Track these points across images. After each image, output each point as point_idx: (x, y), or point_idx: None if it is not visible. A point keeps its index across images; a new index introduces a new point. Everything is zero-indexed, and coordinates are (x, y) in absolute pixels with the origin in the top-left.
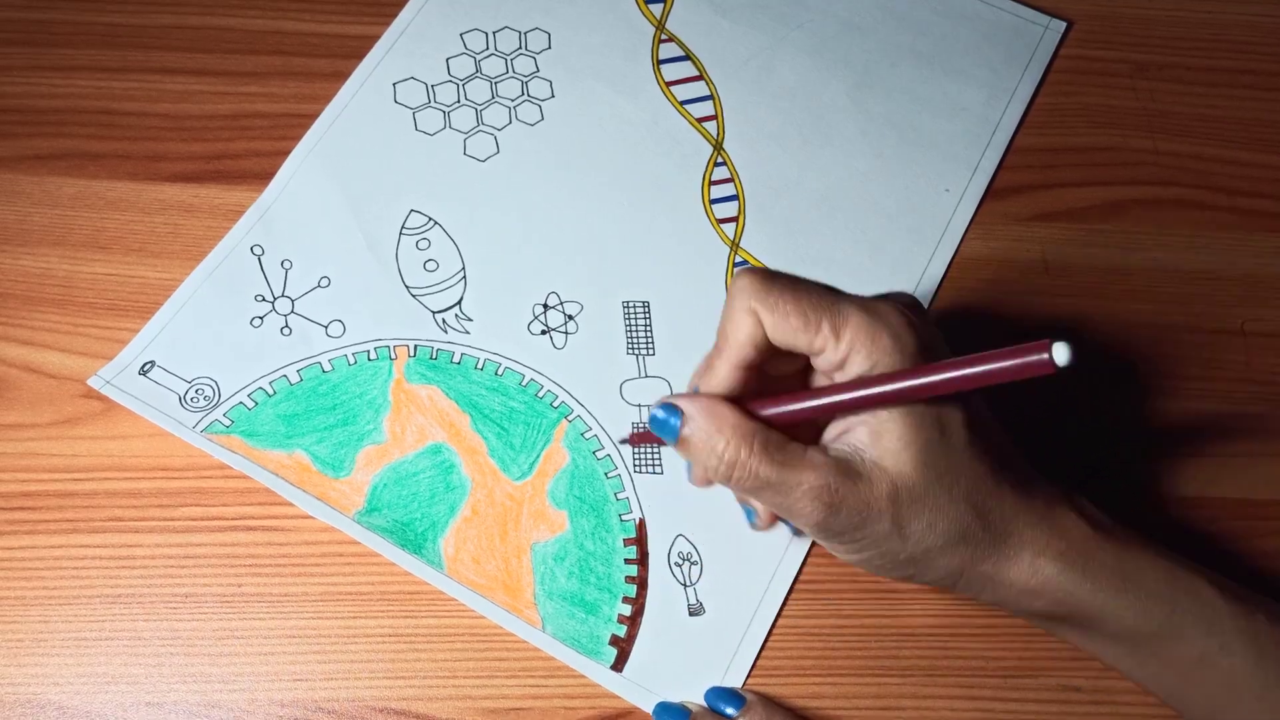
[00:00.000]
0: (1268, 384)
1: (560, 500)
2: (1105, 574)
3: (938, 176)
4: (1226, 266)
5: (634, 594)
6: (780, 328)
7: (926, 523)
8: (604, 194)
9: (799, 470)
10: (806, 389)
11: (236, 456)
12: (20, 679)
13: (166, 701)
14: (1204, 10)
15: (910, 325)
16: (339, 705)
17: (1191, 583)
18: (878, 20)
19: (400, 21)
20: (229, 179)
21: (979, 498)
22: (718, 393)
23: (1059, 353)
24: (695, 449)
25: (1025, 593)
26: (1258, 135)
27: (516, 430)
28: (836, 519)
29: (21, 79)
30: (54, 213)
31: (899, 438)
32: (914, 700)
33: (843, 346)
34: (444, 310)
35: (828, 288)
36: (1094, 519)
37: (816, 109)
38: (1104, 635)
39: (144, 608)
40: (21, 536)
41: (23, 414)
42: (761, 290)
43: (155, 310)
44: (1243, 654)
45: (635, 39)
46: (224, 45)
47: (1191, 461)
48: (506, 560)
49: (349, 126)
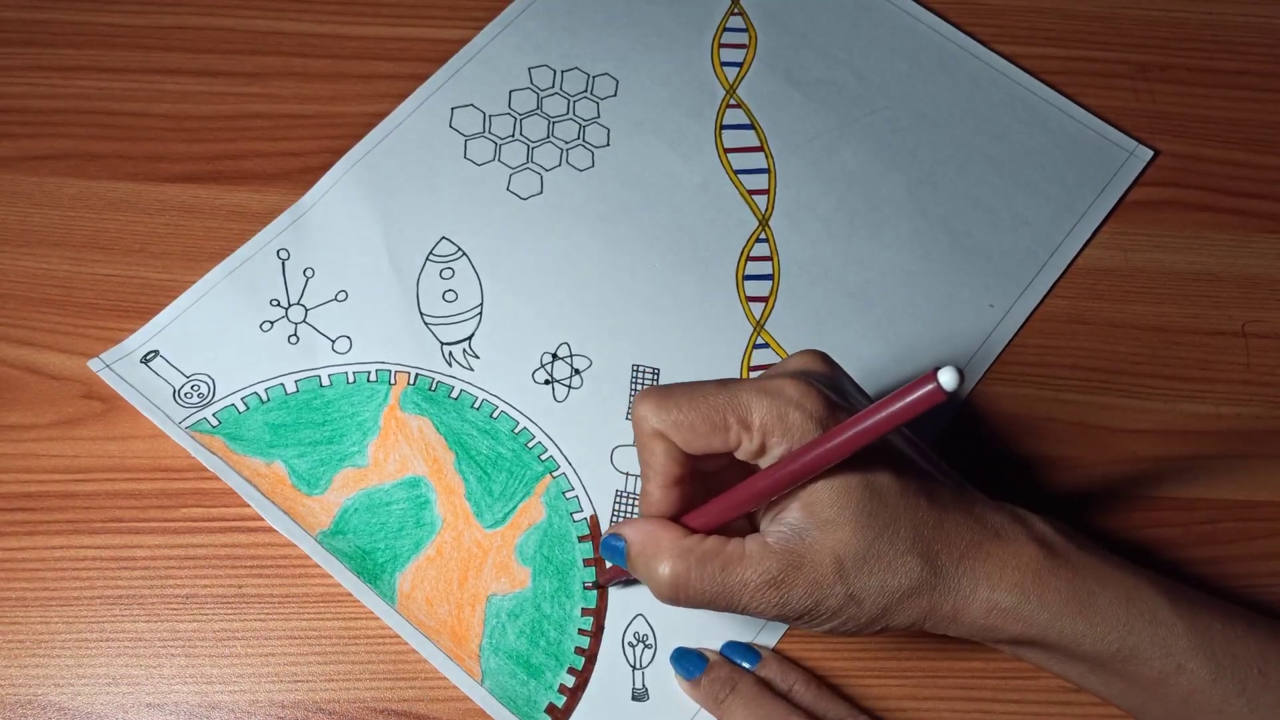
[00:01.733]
0: (1268, 384)
1: (527, 556)
2: (1060, 601)
3: (984, 289)
4: (1226, 267)
5: (580, 666)
6: (690, 440)
7: (878, 583)
8: (638, 251)
9: (741, 570)
10: (734, 487)
11: (214, 458)
12: (20, 679)
13: (167, 702)
14: (1204, 11)
15: (810, 391)
16: (339, 706)
17: (1146, 602)
18: (955, 118)
19: (472, 47)
20: (229, 180)
21: (924, 544)
22: (657, 514)
23: (945, 379)
24: (641, 575)
25: (987, 627)
26: (1257, 135)
27: (499, 477)
28: (790, 603)
29: (22, 79)
30: (54, 213)
31: (831, 505)
32: (914, 701)
33: (756, 436)
34: (454, 343)
35: (721, 383)
36: (1046, 541)
37: (872, 200)
38: (1066, 658)
39: (145, 609)
40: (22, 537)
41: (23, 414)
42: (661, 410)
43: (157, 310)
44: (1199, 671)
45: (703, 100)
46: (224, 46)
47: (1191, 462)
48: (460, 607)
49: (399, 144)
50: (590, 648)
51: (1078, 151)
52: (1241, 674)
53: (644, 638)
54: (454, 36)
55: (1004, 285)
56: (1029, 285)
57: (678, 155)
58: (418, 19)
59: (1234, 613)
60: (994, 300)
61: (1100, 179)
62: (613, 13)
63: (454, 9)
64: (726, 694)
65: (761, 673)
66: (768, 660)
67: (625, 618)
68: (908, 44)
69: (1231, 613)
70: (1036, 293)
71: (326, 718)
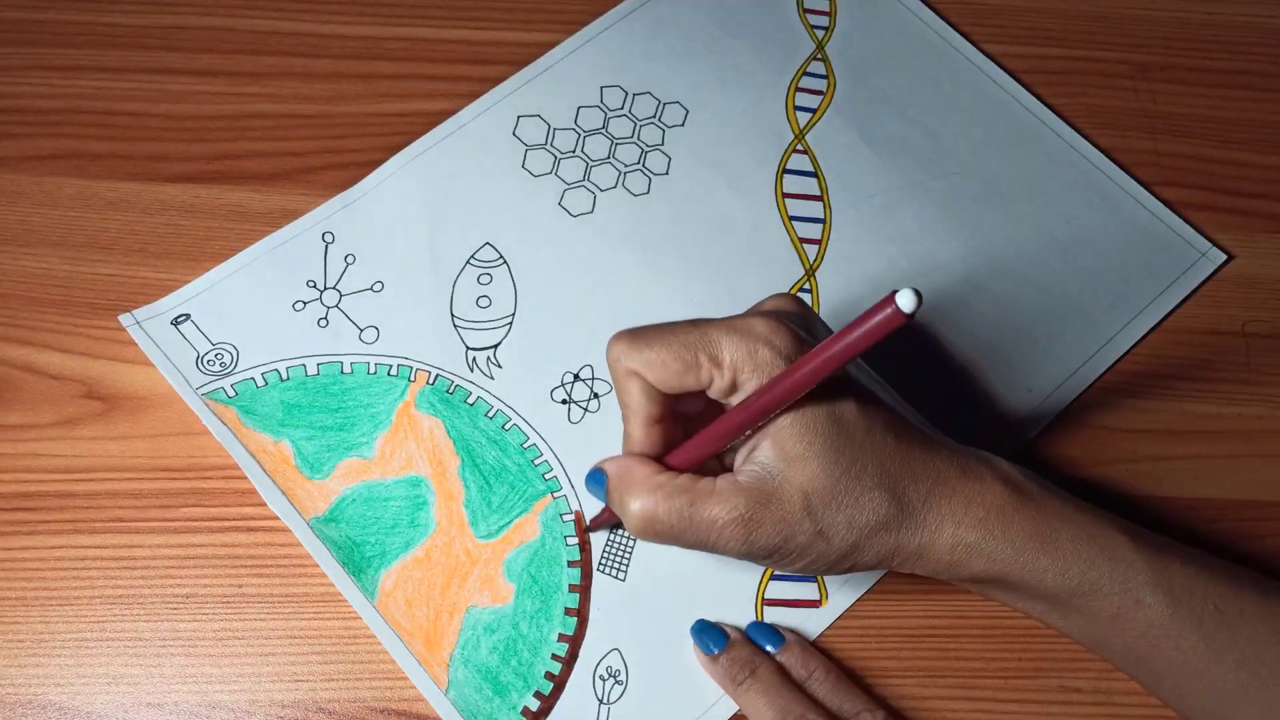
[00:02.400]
0: (1268, 384)
1: (514, 573)
2: (1023, 536)
3: (1025, 372)
4: (1226, 267)
5: (548, 692)
6: (663, 376)
7: (846, 519)
8: (678, 284)
9: (710, 507)
10: (708, 426)
11: (223, 428)
12: (20, 679)
13: (167, 702)
14: (1204, 11)
15: (780, 328)
16: (339, 706)
17: (1107, 540)
18: (1025, 194)
19: (549, 58)
20: (230, 179)
21: (891, 480)
22: (637, 452)
23: (904, 302)
24: (615, 508)
25: (953, 563)
26: (1258, 135)
27: (500, 489)
28: (758, 541)
29: (22, 79)
30: (55, 213)
31: (799, 440)
32: (914, 701)
33: (727, 373)
34: (479, 349)
35: (693, 322)
36: (1011, 481)
37: (925, 266)
38: (1029, 595)
39: (145, 608)
40: (22, 537)
41: (23, 414)
42: (633, 350)
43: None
44: (1157, 606)
45: (770, 141)
46: (225, 46)
47: (1191, 462)
48: (439, 614)
49: (460, 144)
50: (561, 674)
51: (1147, 245)
52: (1198, 610)
53: (616, 673)
54: (456, 37)
55: (1047, 371)
56: (1072, 375)
57: (735, 192)
58: (416, 19)
59: (1193, 554)
60: (1032, 385)
61: (1166, 276)
62: (694, 42)
63: (452, 9)
64: (745, 677)
65: (783, 657)
66: (791, 645)
67: (601, 649)
68: (987, 111)
69: (1191, 554)
70: (1079, 384)
71: (326, 718)
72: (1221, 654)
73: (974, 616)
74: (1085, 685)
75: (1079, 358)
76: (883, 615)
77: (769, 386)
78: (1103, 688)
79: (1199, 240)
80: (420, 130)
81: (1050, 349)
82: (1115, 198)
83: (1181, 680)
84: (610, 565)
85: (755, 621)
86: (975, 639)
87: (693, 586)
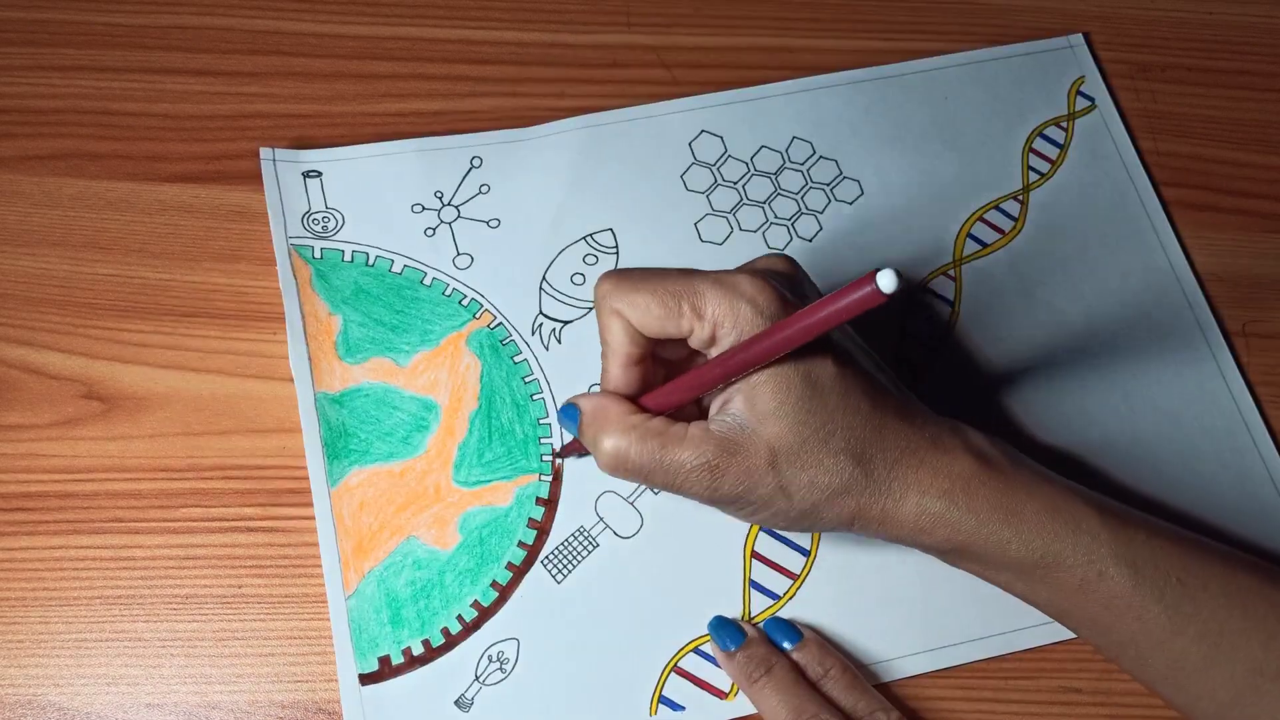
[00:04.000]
0: (1268, 384)
1: (467, 528)
2: (989, 509)
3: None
4: (1226, 267)
5: (436, 645)
6: (645, 320)
7: (808, 479)
8: None
9: (679, 451)
10: (685, 374)
11: (291, 280)
12: (20, 680)
13: (166, 703)
14: (1204, 11)
15: (766, 288)
16: (339, 706)
17: (1073, 512)
18: (1161, 438)
19: (763, 90)
20: (229, 179)
21: (859, 447)
22: (613, 390)
23: (884, 282)
24: (588, 444)
25: (916, 530)
26: (1258, 135)
27: (497, 449)
28: (721, 489)
29: (21, 79)
30: (54, 213)
31: (771, 398)
32: (914, 702)
33: (707, 324)
34: (551, 319)
35: (683, 271)
36: (982, 453)
37: (997, 416)
38: (994, 565)
39: (144, 609)
40: (22, 537)
41: (23, 414)
42: (619, 289)
43: (158, 310)
44: (1120, 578)
45: (926, 254)
46: (224, 45)
47: (1192, 463)
48: (382, 528)
49: (637, 130)
50: (456, 636)
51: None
52: (1161, 582)
53: (505, 661)
54: (456, 37)
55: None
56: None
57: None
58: (416, 18)
59: (1161, 527)
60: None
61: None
62: (906, 134)
63: (452, 9)
64: (760, 674)
65: (799, 655)
66: (808, 643)
67: (503, 633)
68: (1160, 318)
69: (1158, 527)
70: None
71: (326, 718)
72: (1183, 626)
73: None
74: (1085, 685)
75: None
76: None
77: (746, 345)
78: (1102, 688)
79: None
80: (420, 130)
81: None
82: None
83: (1144, 651)
84: (555, 564)
85: (773, 618)
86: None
87: (617, 630)
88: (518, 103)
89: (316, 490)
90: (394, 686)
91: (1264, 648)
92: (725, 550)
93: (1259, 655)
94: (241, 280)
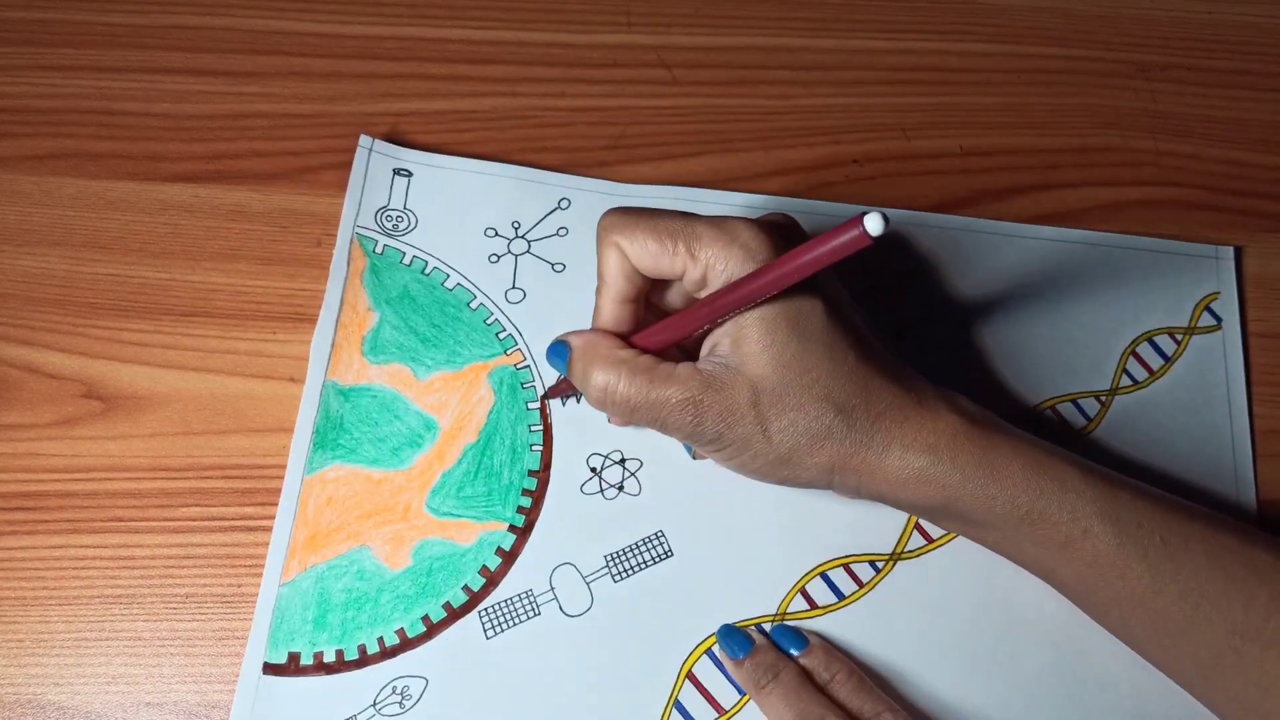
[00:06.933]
0: (1268, 384)
1: (421, 554)
2: (973, 465)
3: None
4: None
5: (349, 659)
6: (641, 255)
7: (789, 421)
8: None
9: (665, 387)
10: (675, 314)
11: (343, 266)
12: (20, 679)
13: (166, 702)
14: (1204, 10)
15: (760, 234)
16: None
17: (1057, 470)
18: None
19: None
20: (229, 179)
21: (842, 395)
22: (604, 327)
23: (871, 225)
24: (576, 380)
25: (898, 484)
26: (1258, 135)
27: (479, 488)
28: (703, 426)
29: (21, 79)
30: (54, 213)
31: (757, 340)
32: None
33: (700, 265)
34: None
35: (683, 214)
36: (967, 413)
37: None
38: (979, 523)
39: (144, 608)
40: (22, 537)
41: (23, 414)
42: (620, 224)
43: (158, 310)
44: (1104, 535)
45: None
46: (223, 45)
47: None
48: (340, 528)
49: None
50: (369, 657)
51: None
52: (1144, 541)
53: (407, 696)
54: (456, 37)
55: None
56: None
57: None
58: (416, 18)
59: (1146, 489)
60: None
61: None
62: (1020, 293)
63: (452, 9)
64: (768, 681)
65: (806, 660)
66: (814, 648)
67: (413, 670)
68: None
69: (1143, 489)
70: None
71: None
72: (1165, 585)
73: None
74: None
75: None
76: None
77: (734, 286)
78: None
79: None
80: (420, 130)
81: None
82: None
83: (1127, 611)
84: (491, 619)
85: (780, 624)
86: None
87: (524, 706)
88: (518, 103)
89: (291, 473)
90: (292, 685)
91: (1244, 609)
92: (662, 661)
93: (1239, 617)
94: (241, 280)
